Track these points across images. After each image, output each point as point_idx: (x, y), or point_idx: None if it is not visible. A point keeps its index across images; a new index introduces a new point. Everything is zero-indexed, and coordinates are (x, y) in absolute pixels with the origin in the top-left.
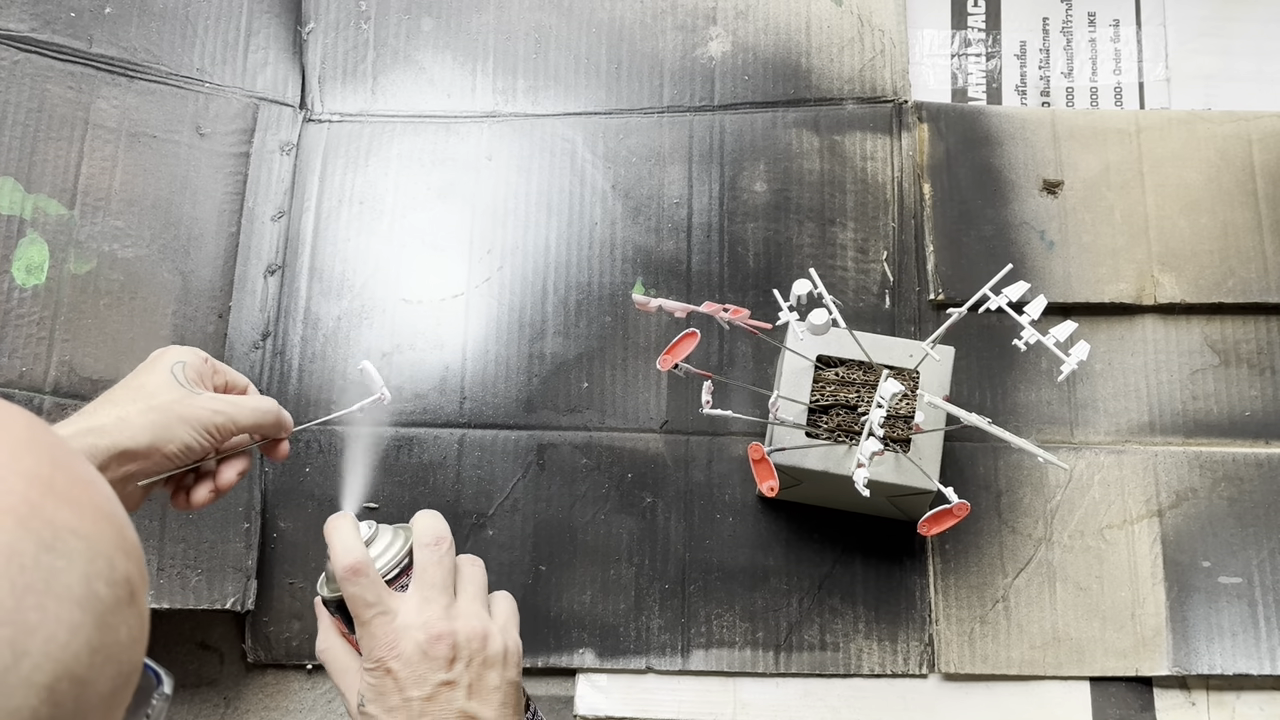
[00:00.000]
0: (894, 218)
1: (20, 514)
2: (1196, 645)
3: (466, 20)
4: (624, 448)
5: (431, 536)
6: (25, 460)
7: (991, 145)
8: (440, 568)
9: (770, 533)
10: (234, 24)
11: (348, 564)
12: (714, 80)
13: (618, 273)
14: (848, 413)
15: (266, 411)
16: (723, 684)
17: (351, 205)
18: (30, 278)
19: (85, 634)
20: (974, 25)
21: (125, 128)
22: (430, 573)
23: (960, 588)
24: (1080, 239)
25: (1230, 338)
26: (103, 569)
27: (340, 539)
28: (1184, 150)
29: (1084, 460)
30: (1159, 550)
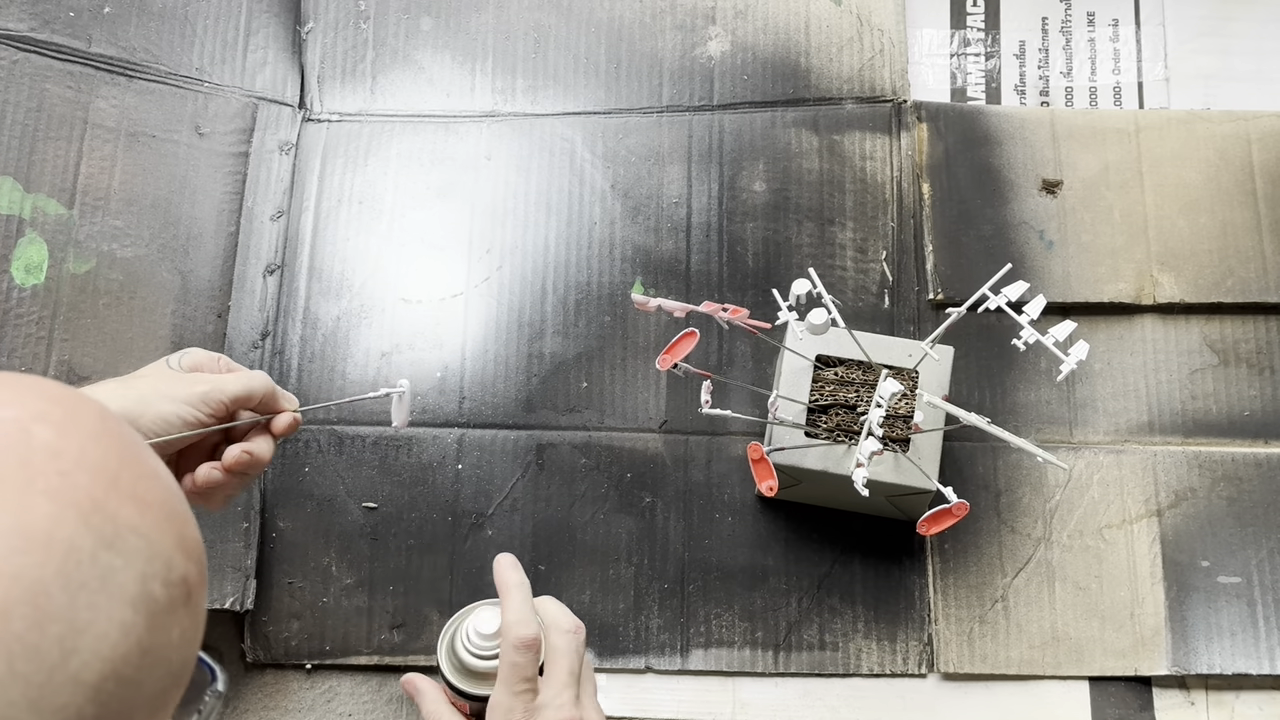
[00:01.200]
0: (893, 217)
1: (83, 509)
2: (1195, 645)
3: (466, 20)
4: (623, 447)
5: (572, 624)
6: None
7: (991, 145)
8: (578, 657)
9: (769, 532)
10: (233, 23)
11: (525, 637)
12: (713, 80)
13: (617, 272)
14: (847, 412)
15: (254, 377)
16: (722, 684)
17: (351, 205)
18: (29, 277)
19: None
20: (973, 25)
21: (124, 127)
22: (571, 660)
23: (959, 587)
24: (1079, 239)
25: (1229, 337)
26: (159, 569)
27: (515, 610)
28: (1183, 150)
29: (1083, 460)
30: (1158, 550)
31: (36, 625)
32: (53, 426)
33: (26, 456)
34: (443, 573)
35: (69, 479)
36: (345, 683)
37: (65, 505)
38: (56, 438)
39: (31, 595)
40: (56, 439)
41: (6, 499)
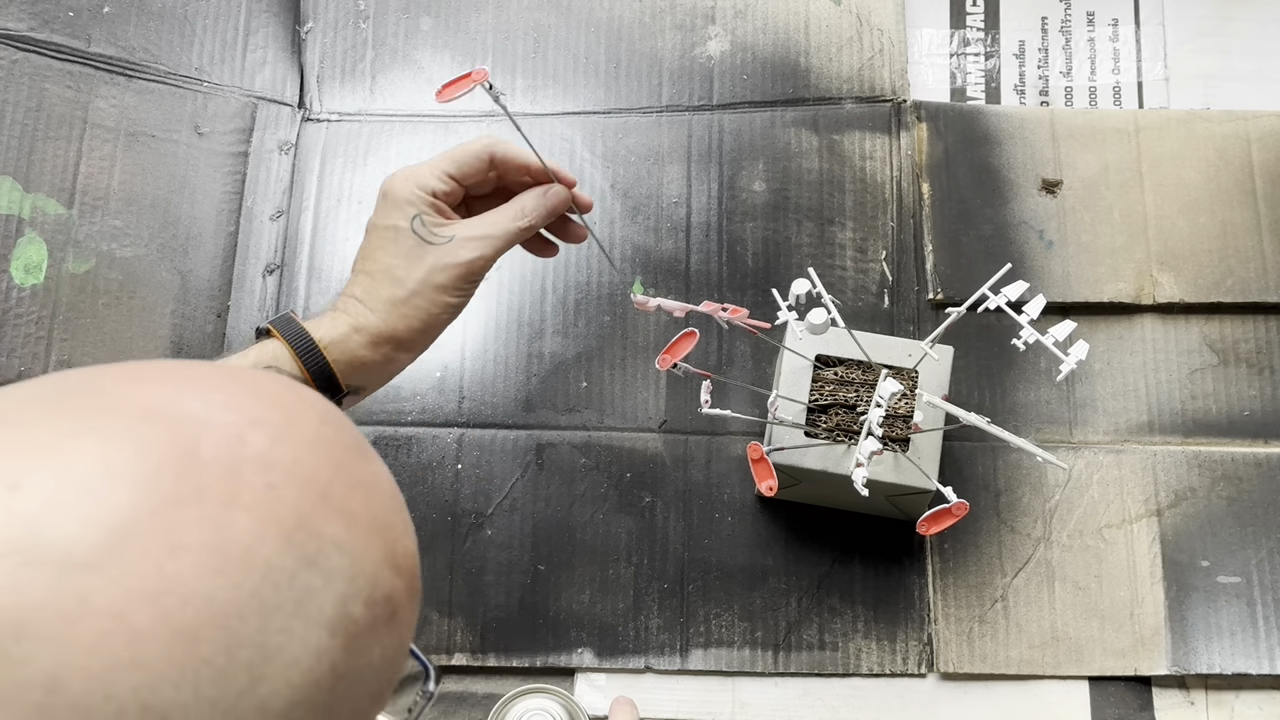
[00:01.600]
0: (893, 217)
1: (286, 526)
2: (1195, 645)
3: (465, 19)
4: (623, 447)
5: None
6: (308, 464)
7: (990, 145)
8: None
9: (769, 532)
10: (232, 23)
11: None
12: (713, 79)
13: (616, 272)
14: (847, 412)
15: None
16: (721, 683)
17: (350, 204)
18: (29, 277)
19: (331, 659)
20: (973, 25)
21: (124, 127)
22: None
23: (959, 587)
24: (1079, 238)
25: (1229, 337)
26: (362, 588)
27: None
28: (1183, 150)
29: (1083, 460)
30: (1158, 550)
31: (226, 650)
32: (268, 433)
33: (235, 466)
34: (442, 573)
35: (276, 492)
36: None
37: (268, 521)
38: (270, 446)
39: (223, 618)
40: (270, 447)
41: (207, 514)
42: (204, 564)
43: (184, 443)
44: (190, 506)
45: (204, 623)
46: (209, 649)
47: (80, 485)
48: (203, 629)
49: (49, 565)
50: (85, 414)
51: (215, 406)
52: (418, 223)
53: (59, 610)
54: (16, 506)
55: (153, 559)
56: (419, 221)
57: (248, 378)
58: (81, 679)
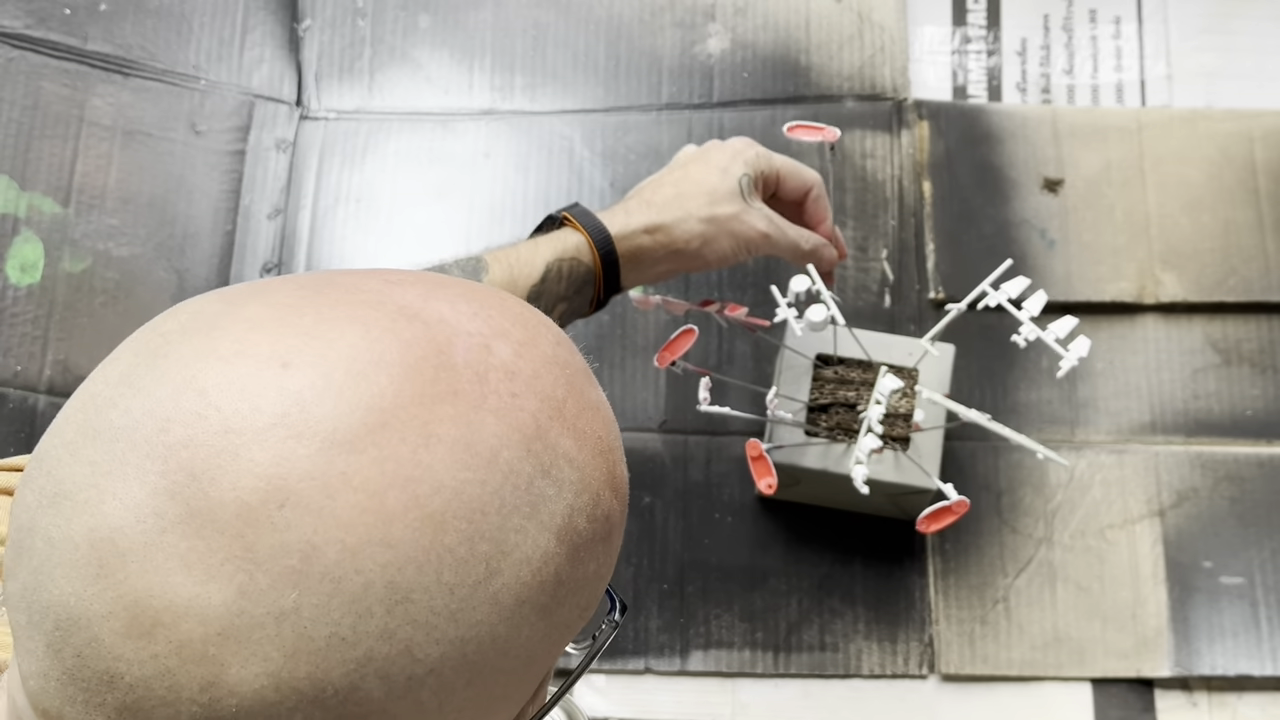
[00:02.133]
0: (894, 215)
1: (527, 434)
2: (1198, 646)
3: (464, 17)
4: None
5: None
6: (545, 380)
7: (992, 143)
8: None
9: (769, 533)
10: (230, 21)
11: None
12: (713, 77)
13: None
14: (847, 411)
15: (796, 245)
16: (721, 685)
17: (348, 203)
18: (25, 276)
19: (556, 564)
20: (974, 22)
21: (120, 125)
22: None
23: (960, 588)
24: (1081, 237)
25: (1232, 337)
26: (586, 503)
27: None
28: (1185, 148)
29: (1085, 460)
30: (1160, 550)
31: (468, 540)
32: (512, 346)
33: (483, 372)
34: None
35: (518, 401)
36: None
37: (512, 427)
38: (514, 358)
39: (469, 511)
40: (514, 359)
41: (461, 412)
42: (455, 458)
43: (439, 343)
44: (445, 403)
45: (451, 513)
46: (453, 538)
47: (347, 369)
48: (449, 518)
49: (315, 441)
50: (348, 306)
51: (464, 316)
52: (745, 181)
53: (321, 484)
54: (288, 384)
55: (409, 446)
56: (746, 180)
57: (491, 293)
58: (336, 551)
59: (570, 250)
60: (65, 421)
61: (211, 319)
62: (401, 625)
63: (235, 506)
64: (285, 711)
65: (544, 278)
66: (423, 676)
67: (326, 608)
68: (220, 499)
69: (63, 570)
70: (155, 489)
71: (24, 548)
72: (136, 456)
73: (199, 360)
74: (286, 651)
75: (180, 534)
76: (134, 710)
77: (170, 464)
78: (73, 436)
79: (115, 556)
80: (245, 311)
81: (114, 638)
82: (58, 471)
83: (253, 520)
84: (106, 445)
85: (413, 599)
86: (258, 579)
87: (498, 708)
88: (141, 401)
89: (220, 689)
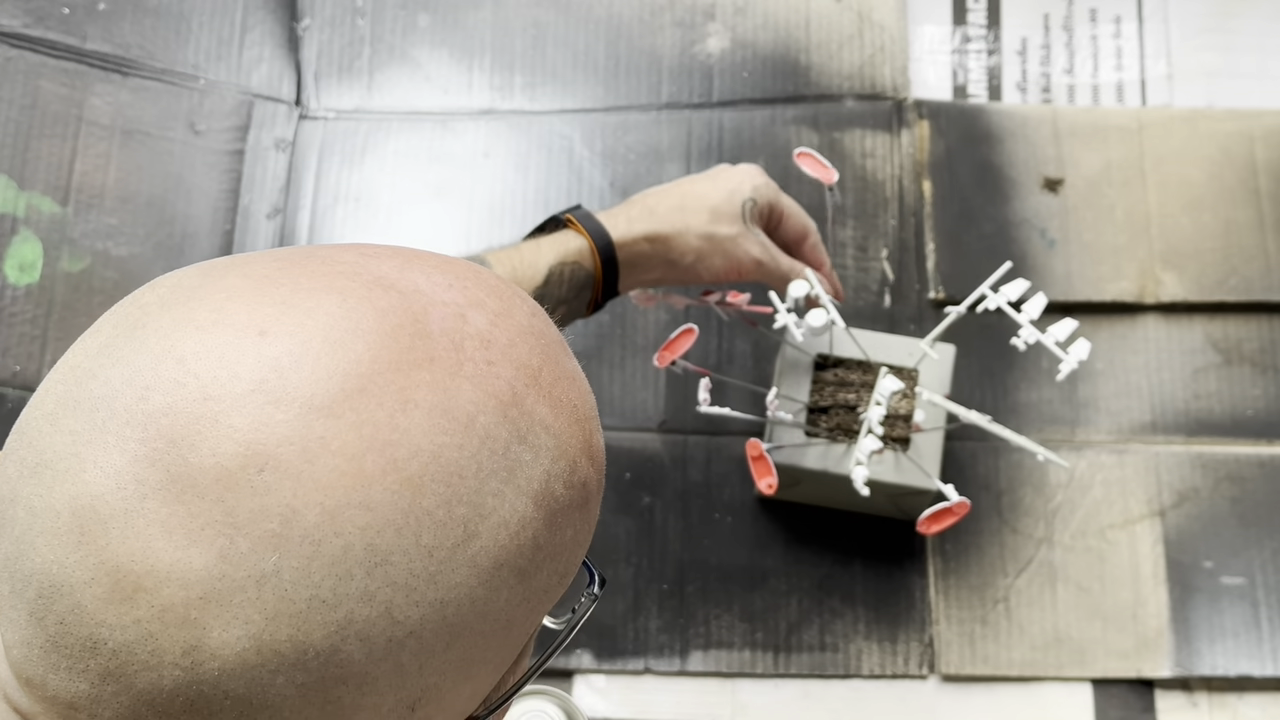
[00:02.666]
0: (894, 215)
1: (503, 400)
2: (1199, 646)
3: (463, 16)
4: (622, 447)
5: None
6: (520, 348)
7: (992, 142)
8: None
9: (769, 533)
10: (229, 20)
11: None
12: (712, 77)
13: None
14: (847, 412)
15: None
16: (721, 685)
17: (347, 203)
18: (24, 276)
19: (533, 529)
20: (974, 21)
21: (119, 125)
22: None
23: (960, 588)
24: (1081, 237)
25: (1233, 336)
26: (563, 469)
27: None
28: (1186, 147)
29: (1085, 460)
30: (1161, 550)
31: (445, 503)
32: (488, 315)
33: (459, 340)
34: None
35: (494, 369)
36: None
37: (488, 394)
38: (489, 327)
39: (446, 475)
40: (489, 328)
41: (437, 378)
42: (432, 423)
43: (415, 312)
44: (422, 370)
45: (429, 476)
46: (431, 501)
47: (324, 336)
48: (427, 481)
49: (293, 406)
50: (325, 277)
51: (440, 286)
52: (749, 206)
53: (300, 448)
54: (266, 351)
55: (386, 411)
56: (750, 205)
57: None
58: (316, 514)
59: (573, 254)
60: (46, 393)
61: (190, 290)
62: (381, 587)
63: (215, 472)
64: (267, 674)
65: (547, 280)
66: (402, 639)
67: (307, 570)
68: (200, 465)
69: (44, 539)
70: (135, 456)
71: (6, 518)
72: (116, 424)
73: (177, 329)
74: (268, 614)
75: (161, 500)
76: (117, 676)
77: (150, 431)
78: (53, 407)
79: (96, 523)
80: (223, 283)
81: (96, 604)
82: (39, 442)
83: (232, 485)
84: (87, 414)
85: (392, 561)
86: (238, 543)
87: (477, 671)
88: (120, 371)
89: (202, 652)
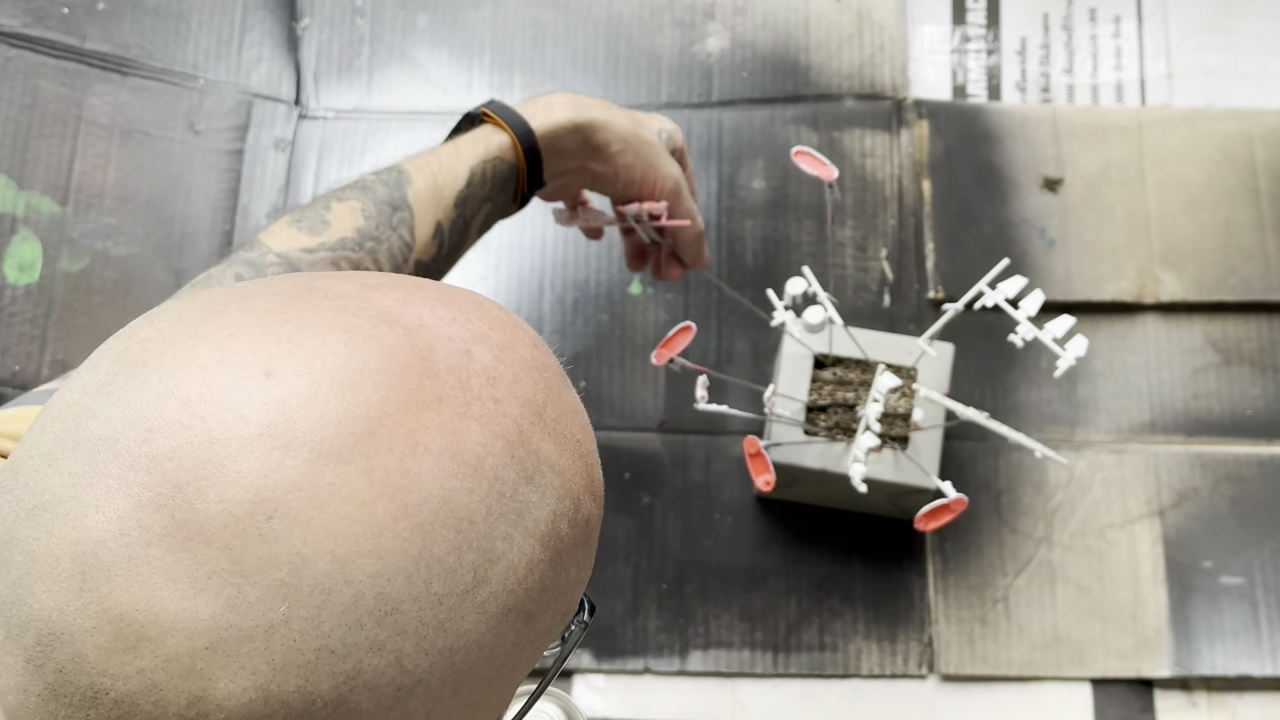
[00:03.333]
0: (893, 215)
1: (510, 440)
2: (1198, 646)
3: (463, 16)
4: (621, 447)
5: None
6: (525, 384)
7: (992, 142)
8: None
9: (769, 533)
10: (228, 20)
11: None
12: (712, 76)
13: (615, 271)
14: (845, 411)
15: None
16: (721, 685)
17: None
18: (23, 276)
19: (541, 571)
20: (974, 21)
21: (118, 124)
22: None
23: (960, 588)
24: (1081, 237)
25: (1232, 336)
26: (568, 508)
27: None
28: (1186, 147)
29: (1085, 459)
30: (1160, 550)
31: (456, 550)
32: (492, 350)
33: (466, 379)
34: None
35: (501, 407)
36: None
37: (495, 434)
38: (495, 363)
39: (456, 520)
40: (494, 364)
41: (446, 420)
42: (442, 466)
43: (421, 349)
44: (430, 411)
45: (439, 522)
46: (441, 547)
47: (332, 378)
48: (438, 528)
49: (302, 451)
50: (329, 313)
51: (444, 320)
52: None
53: (310, 495)
54: (273, 393)
55: (396, 455)
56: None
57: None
58: (326, 562)
59: (494, 150)
60: (42, 431)
61: (191, 326)
62: (391, 636)
63: (222, 519)
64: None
65: (469, 182)
66: (411, 687)
67: (316, 620)
68: (207, 511)
69: (44, 584)
70: (139, 501)
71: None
72: (119, 468)
73: (181, 369)
74: (275, 665)
75: (166, 547)
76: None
77: (154, 475)
78: (50, 447)
79: (99, 570)
80: (225, 318)
81: (98, 653)
82: (36, 483)
83: (240, 533)
84: (87, 456)
85: (402, 610)
86: (246, 592)
87: (479, 715)
88: (122, 411)
89: (207, 703)
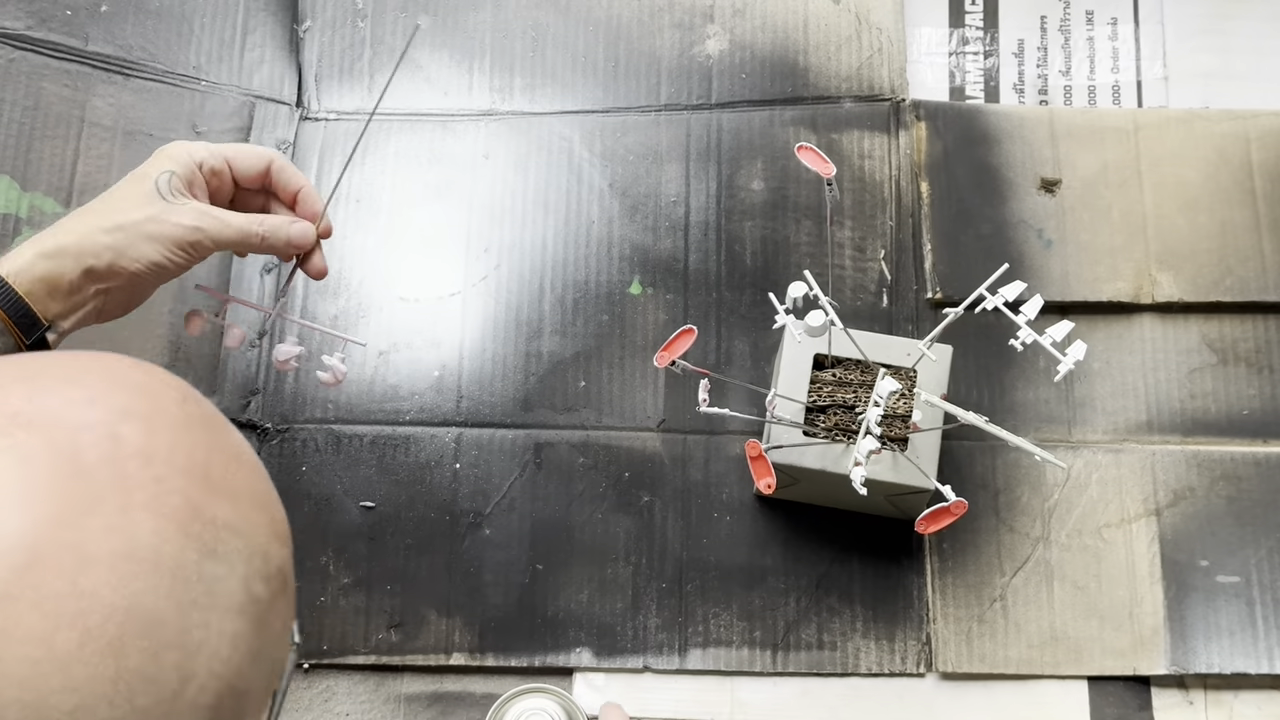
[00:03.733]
0: (891, 216)
1: (182, 519)
2: (1194, 644)
3: (463, 18)
4: (621, 446)
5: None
6: (183, 447)
7: (989, 144)
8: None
9: (768, 532)
10: (230, 22)
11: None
12: (711, 78)
13: (615, 271)
14: (845, 412)
15: (245, 230)
16: (720, 683)
17: (348, 204)
18: None
19: (246, 643)
20: (971, 23)
21: (121, 126)
22: None
23: (958, 587)
24: (1078, 238)
25: (1228, 336)
26: (259, 566)
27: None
28: (1182, 149)
29: (1082, 459)
30: (1157, 549)
31: (153, 656)
32: (140, 424)
33: (120, 467)
34: (440, 572)
35: (165, 485)
36: (343, 682)
37: (165, 518)
38: (146, 438)
39: (145, 626)
40: (146, 439)
41: (109, 521)
42: (117, 573)
43: (63, 449)
44: (91, 516)
45: (128, 634)
46: (137, 659)
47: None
48: (128, 640)
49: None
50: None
51: (78, 404)
52: (163, 179)
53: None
54: None
55: (67, 577)
56: (165, 177)
57: (96, 364)
58: (16, 712)
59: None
60: None
61: None
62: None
63: None
64: None
65: None
66: None
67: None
68: None
69: None
70: None
71: None
72: None
73: None
74: None
75: None
76: None
77: None
78: None
79: None
80: None
81: None
82: None
83: None
84: None
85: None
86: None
87: None
88: None
89: None
